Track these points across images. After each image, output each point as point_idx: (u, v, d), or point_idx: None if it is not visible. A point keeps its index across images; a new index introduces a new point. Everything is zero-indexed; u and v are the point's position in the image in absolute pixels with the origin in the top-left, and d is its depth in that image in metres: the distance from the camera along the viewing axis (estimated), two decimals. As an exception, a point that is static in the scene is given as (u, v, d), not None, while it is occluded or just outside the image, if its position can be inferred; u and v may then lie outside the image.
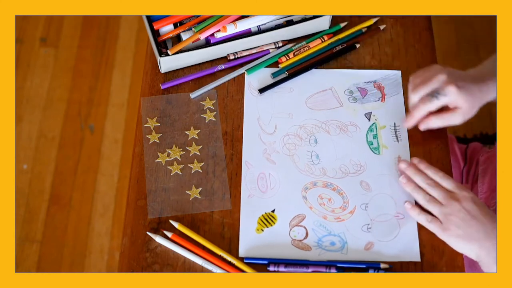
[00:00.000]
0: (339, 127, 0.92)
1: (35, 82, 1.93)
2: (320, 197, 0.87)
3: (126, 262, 0.84)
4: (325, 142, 0.92)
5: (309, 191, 0.88)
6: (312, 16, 0.99)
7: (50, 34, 2.01)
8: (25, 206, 1.75)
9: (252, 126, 0.92)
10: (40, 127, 1.86)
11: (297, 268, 0.82)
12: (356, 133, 0.92)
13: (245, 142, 0.91)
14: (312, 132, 0.92)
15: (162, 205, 0.87)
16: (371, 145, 0.91)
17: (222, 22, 0.96)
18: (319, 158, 0.90)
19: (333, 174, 0.89)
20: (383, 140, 0.92)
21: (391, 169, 0.89)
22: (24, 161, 1.81)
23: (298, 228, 0.85)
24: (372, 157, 0.90)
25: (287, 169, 0.89)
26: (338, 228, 0.85)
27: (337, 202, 0.87)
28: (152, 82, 0.97)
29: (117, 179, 1.80)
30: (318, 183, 0.88)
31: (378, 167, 0.90)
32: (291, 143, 0.91)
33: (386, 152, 0.91)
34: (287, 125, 0.93)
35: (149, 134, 0.93)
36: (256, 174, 0.89)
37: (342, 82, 0.96)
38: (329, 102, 0.95)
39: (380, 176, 0.89)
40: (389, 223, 0.85)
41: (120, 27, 2.03)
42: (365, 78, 0.96)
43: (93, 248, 1.70)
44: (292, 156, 0.90)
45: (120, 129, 1.86)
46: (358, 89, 0.96)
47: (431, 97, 0.87)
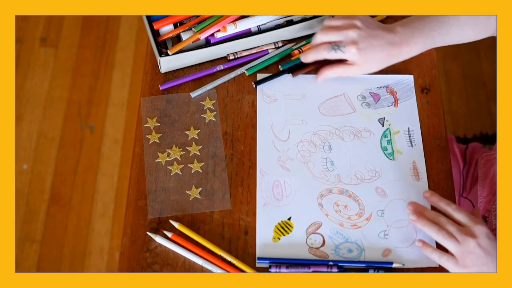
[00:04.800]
0: (353, 133, 0.92)
1: (35, 82, 1.93)
2: (336, 204, 0.87)
3: (126, 262, 0.84)
4: (339, 148, 0.91)
5: (325, 198, 0.87)
6: (312, 16, 0.99)
7: (50, 34, 2.01)
8: (25, 206, 1.75)
9: (265, 133, 0.92)
10: (40, 127, 1.86)
11: (299, 268, 0.82)
12: (370, 139, 0.92)
13: (259, 150, 0.91)
14: (326, 139, 0.91)
15: (162, 205, 0.87)
16: (386, 150, 0.91)
17: (222, 22, 0.96)
18: (334, 164, 0.89)
19: (348, 181, 0.88)
20: (397, 145, 0.91)
21: (406, 175, 0.89)
22: (24, 161, 1.81)
23: (314, 235, 0.84)
24: (387, 163, 0.90)
25: (302, 176, 0.89)
26: (355, 235, 0.84)
27: (353, 209, 0.86)
28: (152, 82, 0.97)
29: (117, 179, 1.80)
30: (333, 190, 0.88)
31: (393, 172, 0.89)
32: (306, 150, 0.90)
33: (400, 157, 0.90)
34: (301, 132, 0.92)
35: (149, 134, 0.93)
36: (271, 182, 0.88)
37: (355, 87, 0.96)
38: (342, 107, 0.94)
39: (396, 182, 0.88)
40: (406, 229, 0.85)
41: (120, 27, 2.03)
42: (377, 83, 0.96)
43: (93, 248, 1.70)
44: (307, 163, 0.90)
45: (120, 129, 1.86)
46: (370, 94, 0.95)
47: (331, 47, 0.90)
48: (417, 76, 0.97)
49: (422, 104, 0.95)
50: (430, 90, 0.96)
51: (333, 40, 0.90)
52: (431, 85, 0.96)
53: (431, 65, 0.98)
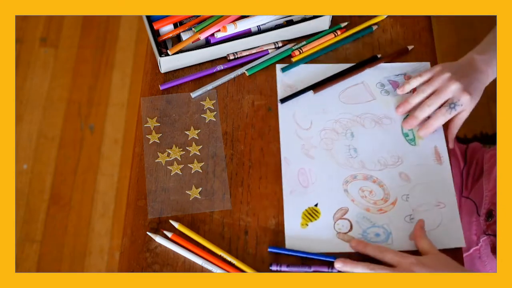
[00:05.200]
0: (374, 120, 0.93)
1: (35, 82, 1.93)
2: (361, 190, 0.88)
3: (126, 262, 0.84)
4: (361, 135, 0.92)
5: (350, 184, 0.88)
6: (312, 16, 0.99)
7: (50, 34, 2.02)
8: (25, 206, 1.75)
9: (288, 122, 0.93)
10: (40, 127, 1.86)
11: (299, 268, 0.82)
12: (391, 126, 0.93)
13: (282, 139, 0.91)
14: (348, 126, 0.93)
15: (162, 205, 0.87)
16: (407, 136, 0.92)
17: (222, 22, 0.96)
18: (357, 151, 0.91)
19: (372, 167, 0.89)
20: (420, 142, 0.92)
21: (429, 159, 0.90)
22: (24, 161, 1.81)
23: (342, 221, 0.85)
24: (409, 149, 0.91)
25: (326, 163, 0.90)
26: (381, 219, 0.86)
27: (378, 194, 0.87)
28: (152, 82, 0.97)
29: (117, 179, 1.80)
30: (358, 176, 0.89)
31: (415, 158, 0.90)
32: (328, 138, 0.92)
33: (422, 142, 0.91)
34: (323, 120, 0.93)
35: (149, 134, 0.93)
36: (296, 170, 0.89)
37: (373, 75, 0.97)
38: (362, 96, 0.95)
39: (418, 167, 0.89)
40: (431, 212, 0.86)
41: (120, 27, 2.03)
42: (395, 71, 0.97)
43: (93, 248, 1.70)
44: (330, 151, 0.91)
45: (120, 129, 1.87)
46: (389, 82, 0.96)
47: (449, 108, 0.89)
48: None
49: (422, 104, 0.95)
50: (430, 90, 0.96)
51: (443, 101, 0.90)
52: (431, 85, 0.96)
53: (431, 65, 0.98)
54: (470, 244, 1.00)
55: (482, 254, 0.98)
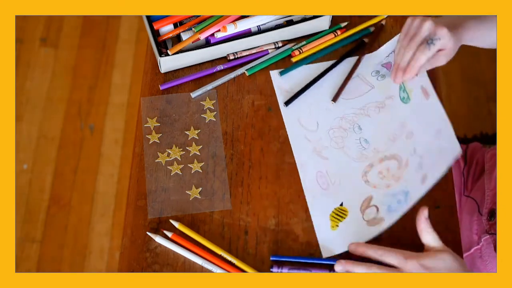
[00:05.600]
0: (377, 107, 0.93)
1: (35, 82, 1.93)
2: (380, 172, 0.88)
3: (126, 262, 0.84)
4: (369, 125, 0.92)
5: (369, 173, 0.89)
6: (312, 16, 0.99)
7: (50, 34, 2.02)
8: (25, 206, 1.75)
9: (295, 128, 0.93)
10: (40, 127, 1.86)
11: (300, 269, 0.82)
12: (394, 102, 0.93)
13: (293, 146, 0.91)
14: (354, 121, 0.93)
15: (162, 205, 0.87)
16: (404, 99, 0.91)
17: (222, 22, 0.96)
18: (368, 141, 0.91)
19: (385, 148, 0.90)
20: (408, 86, 0.90)
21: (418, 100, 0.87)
22: (24, 161, 1.81)
23: (369, 209, 0.86)
24: (407, 108, 0.90)
25: (341, 162, 0.90)
26: (400, 186, 0.85)
27: (393, 166, 0.88)
28: (152, 82, 0.97)
29: (117, 179, 1.80)
30: (374, 163, 0.89)
31: (412, 111, 0.89)
32: (338, 136, 0.92)
33: (413, 93, 0.88)
34: (328, 119, 0.93)
35: (149, 134, 0.93)
36: (313, 174, 0.89)
37: (366, 66, 0.97)
38: (360, 88, 0.96)
39: (416, 116, 0.88)
40: (432, 144, 0.84)
41: (120, 27, 2.03)
42: (384, 54, 0.97)
43: (93, 248, 1.70)
44: (343, 148, 0.91)
45: (120, 129, 1.87)
46: (383, 66, 0.96)
47: (427, 45, 0.86)
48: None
49: (422, 104, 0.95)
50: (430, 90, 0.96)
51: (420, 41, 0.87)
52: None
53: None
54: (471, 243, 1.00)
55: (484, 254, 0.98)
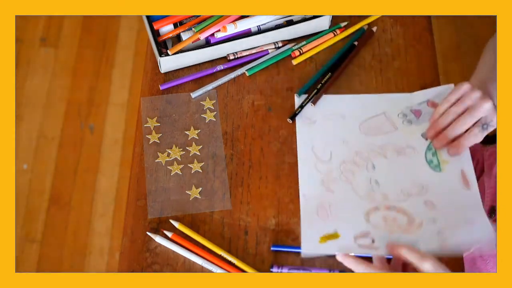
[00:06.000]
0: (396, 151, 0.88)
1: (35, 82, 1.93)
2: (384, 219, 0.83)
3: (126, 262, 0.84)
4: (383, 167, 0.87)
5: (372, 215, 0.84)
6: (312, 16, 0.99)
7: (50, 34, 2.02)
8: (25, 206, 1.75)
9: (307, 156, 0.89)
10: (40, 127, 1.86)
11: (300, 269, 0.82)
12: (414, 154, 0.88)
13: (301, 174, 0.88)
14: (369, 158, 0.88)
15: (162, 205, 0.87)
16: (431, 163, 0.87)
17: (222, 22, 0.96)
18: (378, 183, 0.86)
19: (395, 198, 0.84)
20: (443, 155, 0.87)
21: (456, 185, 0.85)
22: (24, 161, 1.81)
23: (363, 239, 0.81)
24: (434, 176, 0.86)
25: (347, 197, 0.85)
26: (407, 238, 0.81)
27: (402, 220, 0.82)
28: (152, 82, 0.97)
29: (117, 179, 1.80)
30: (380, 208, 0.84)
31: (441, 184, 0.85)
32: (349, 171, 0.87)
33: (447, 167, 0.86)
34: (343, 152, 0.89)
35: (149, 134, 0.93)
36: (315, 205, 0.85)
37: (395, 106, 0.92)
38: (383, 126, 0.91)
39: (445, 193, 0.84)
40: (461, 229, 0.80)
41: (120, 27, 2.03)
42: (417, 99, 0.92)
43: (93, 248, 1.70)
44: (351, 184, 0.86)
45: (120, 129, 1.87)
46: (412, 111, 0.92)
47: (482, 129, 0.84)
48: (417, 76, 0.97)
49: (422, 104, 0.95)
50: (430, 90, 0.96)
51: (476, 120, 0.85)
52: (431, 85, 0.96)
53: (431, 65, 0.98)
54: (471, 243, 1.00)
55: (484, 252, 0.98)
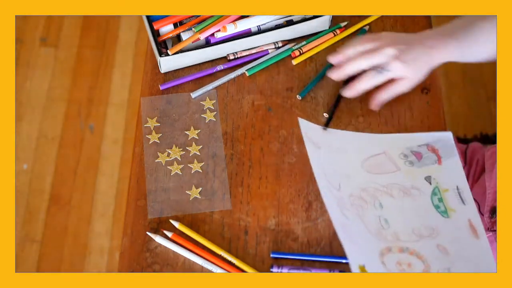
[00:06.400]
0: (402, 191, 0.86)
1: (35, 82, 1.93)
2: (399, 264, 0.80)
3: (126, 262, 0.84)
4: (391, 206, 0.85)
5: (386, 256, 0.81)
6: (312, 16, 0.99)
7: (50, 34, 2.02)
8: (25, 206, 1.75)
9: (322, 179, 0.84)
10: (40, 127, 1.86)
11: (300, 269, 0.82)
12: (421, 197, 0.86)
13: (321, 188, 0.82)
14: (376, 196, 0.86)
15: (162, 205, 0.87)
16: (438, 208, 0.85)
17: (222, 22, 0.96)
18: (388, 222, 0.84)
19: (407, 238, 0.82)
20: (449, 203, 0.86)
21: (464, 233, 0.83)
22: (24, 161, 1.81)
23: None
24: (443, 221, 0.84)
25: (361, 230, 0.82)
26: None
27: (418, 266, 0.80)
28: (152, 82, 0.97)
29: (117, 179, 1.80)
30: (393, 249, 0.81)
31: (451, 230, 0.83)
32: (358, 205, 0.85)
33: (454, 215, 0.85)
34: (349, 186, 0.86)
35: (149, 134, 0.93)
36: (338, 222, 0.80)
37: (395, 146, 0.90)
38: (386, 166, 0.89)
39: (455, 240, 0.82)
40: None
41: (120, 27, 2.03)
42: (417, 141, 0.90)
43: (93, 248, 1.70)
44: (362, 218, 0.84)
45: (120, 129, 1.87)
46: (412, 153, 0.89)
47: (376, 72, 0.88)
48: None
49: (422, 104, 0.95)
50: (430, 90, 0.96)
51: (374, 64, 0.88)
52: (431, 85, 0.96)
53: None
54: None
55: None
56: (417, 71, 0.89)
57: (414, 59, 0.88)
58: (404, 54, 0.88)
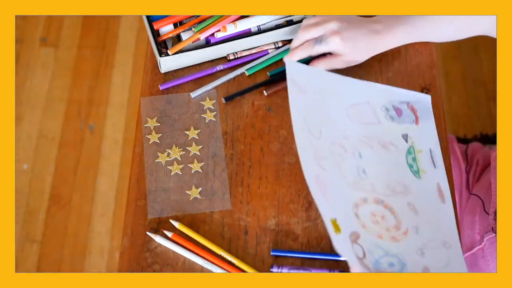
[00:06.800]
0: (381, 144, 0.88)
1: (35, 82, 1.93)
2: (373, 214, 0.81)
3: (126, 262, 0.84)
4: (369, 157, 0.86)
5: (360, 208, 0.82)
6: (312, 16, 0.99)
7: (50, 34, 2.02)
8: (25, 206, 1.75)
9: (301, 126, 0.83)
10: (40, 127, 1.86)
11: (300, 269, 0.82)
12: (397, 153, 0.88)
13: (297, 140, 0.79)
14: (356, 146, 0.87)
15: (162, 205, 0.87)
16: (412, 168, 0.87)
17: (222, 22, 0.96)
18: (366, 173, 0.85)
19: (382, 191, 0.84)
20: (422, 164, 0.87)
21: (433, 196, 0.85)
22: (24, 161, 1.81)
23: (356, 245, 0.79)
24: (414, 180, 0.86)
25: (337, 180, 0.82)
26: (395, 248, 0.80)
27: (390, 220, 0.82)
28: (152, 82, 0.97)
29: (117, 179, 1.80)
30: (369, 199, 0.82)
31: (421, 191, 0.85)
32: (337, 153, 0.85)
33: (425, 177, 0.86)
34: (332, 133, 0.86)
35: (149, 134, 0.93)
36: (313, 175, 0.79)
37: (378, 97, 0.91)
38: (368, 116, 0.90)
39: (424, 201, 0.84)
40: (439, 250, 0.81)
41: (120, 27, 2.03)
42: (399, 97, 0.91)
43: (93, 248, 1.70)
44: (340, 167, 0.84)
45: (120, 129, 1.87)
46: (393, 107, 0.91)
47: (314, 43, 0.91)
48: (417, 76, 0.97)
49: (422, 104, 0.95)
50: (430, 90, 0.96)
51: (315, 35, 0.91)
52: (431, 85, 0.96)
53: (431, 65, 0.99)
54: (473, 243, 1.00)
55: (486, 253, 0.98)
56: (355, 51, 0.91)
57: (354, 39, 0.90)
58: (345, 31, 0.90)
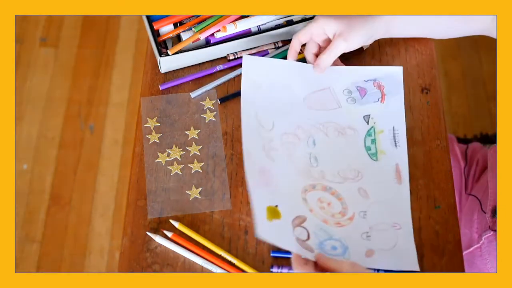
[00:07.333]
0: (337, 130, 0.90)
1: (35, 82, 1.93)
2: (320, 201, 0.85)
3: (126, 262, 0.84)
4: (323, 144, 0.89)
5: (309, 193, 0.85)
6: (312, 16, 0.99)
7: (50, 34, 2.02)
8: (25, 206, 1.75)
9: (250, 120, 0.88)
10: (40, 127, 1.86)
11: (300, 269, 0.82)
12: (354, 137, 0.90)
13: (244, 136, 0.85)
14: (310, 133, 0.89)
15: (162, 205, 0.87)
16: (369, 150, 0.89)
17: (222, 22, 0.96)
18: (317, 160, 0.88)
19: (331, 179, 0.87)
20: (381, 145, 0.89)
21: (389, 177, 0.87)
22: (24, 161, 1.81)
23: (300, 228, 0.82)
24: (370, 164, 0.88)
25: (286, 169, 0.86)
26: (339, 233, 0.83)
27: (336, 207, 0.85)
28: (152, 82, 0.97)
29: (117, 179, 1.80)
30: (317, 186, 0.86)
31: (375, 174, 0.87)
32: (290, 142, 0.88)
33: (384, 158, 0.88)
34: (285, 123, 0.89)
35: (149, 134, 0.93)
36: (257, 167, 0.84)
37: (341, 80, 0.93)
38: (328, 102, 0.92)
39: (378, 184, 0.87)
40: (387, 232, 0.84)
41: (120, 27, 2.03)
42: (364, 76, 0.93)
43: (93, 248, 1.70)
44: (291, 157, 0.87)
45: (120, 129, 1.87)
46: (357, 88, 0.92)
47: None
48: (416, 76, 0.97)
49: (422, 104, 0.95)
50: (430, 90, 0.96)
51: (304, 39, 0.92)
52: (431, 85, 0.97)
53: (431, 65, 0.99)
54: (471, 242, 1.00)
55: (484, 252, 0.98)
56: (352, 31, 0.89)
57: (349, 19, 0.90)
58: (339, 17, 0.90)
